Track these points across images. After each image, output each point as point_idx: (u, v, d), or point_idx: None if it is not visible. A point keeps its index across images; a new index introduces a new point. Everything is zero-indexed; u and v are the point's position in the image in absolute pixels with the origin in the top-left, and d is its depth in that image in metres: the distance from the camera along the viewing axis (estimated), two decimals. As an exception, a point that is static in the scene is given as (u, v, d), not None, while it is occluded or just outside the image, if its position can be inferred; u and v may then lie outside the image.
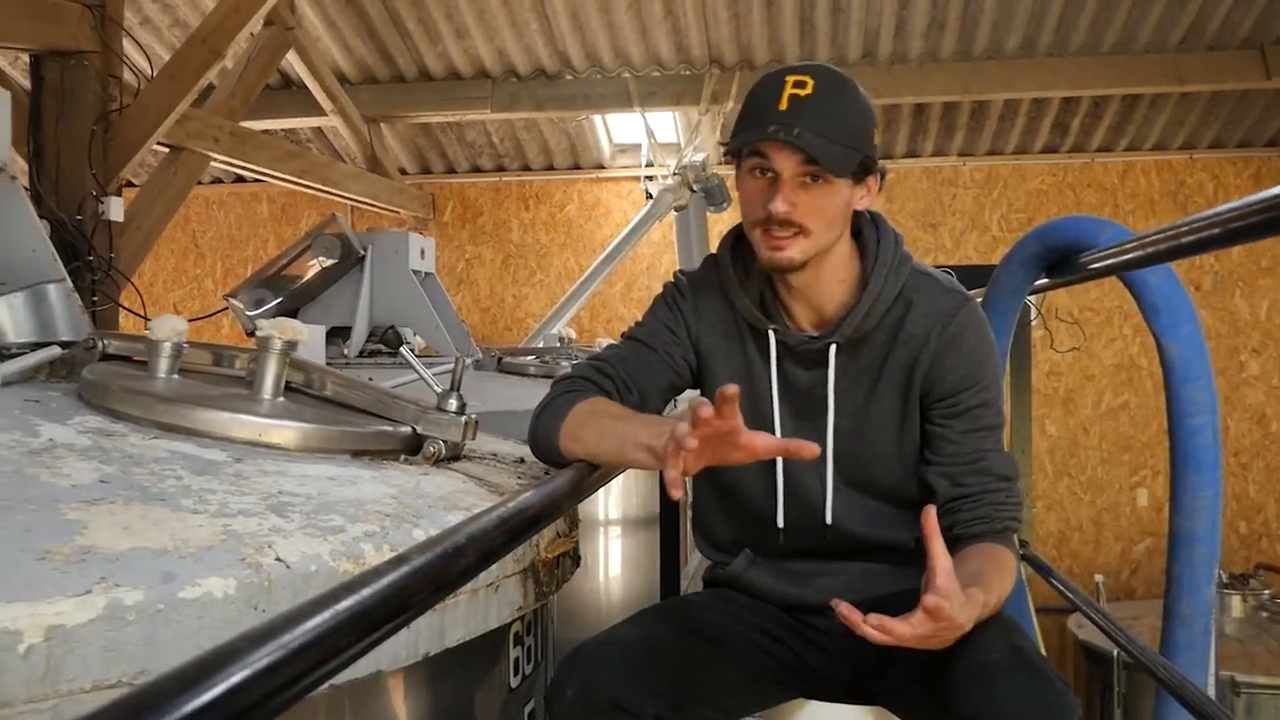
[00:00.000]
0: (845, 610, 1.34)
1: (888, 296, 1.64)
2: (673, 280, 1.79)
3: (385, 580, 0.78)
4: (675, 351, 1.72)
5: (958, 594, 1.34)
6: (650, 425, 1.48)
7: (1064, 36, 6.34)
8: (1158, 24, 6.18)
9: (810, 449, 1.33)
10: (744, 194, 1.61)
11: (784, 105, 1.52)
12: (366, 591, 0.75)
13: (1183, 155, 7.16)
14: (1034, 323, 3.08)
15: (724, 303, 1.73)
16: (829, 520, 1.68)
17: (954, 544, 1.56)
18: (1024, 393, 3.03)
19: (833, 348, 1.65)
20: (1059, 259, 2.33)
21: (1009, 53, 6.48)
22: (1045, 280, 2.44)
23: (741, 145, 1.57)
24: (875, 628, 1.33)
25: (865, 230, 1.68)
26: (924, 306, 1.64)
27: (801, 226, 1.55)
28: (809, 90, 1.53)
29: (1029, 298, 2.64)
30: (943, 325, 1.63)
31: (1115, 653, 5.19)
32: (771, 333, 1.68)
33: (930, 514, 1.37)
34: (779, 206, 1.54)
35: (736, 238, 1.74)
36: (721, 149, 6.96)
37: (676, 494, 1.35)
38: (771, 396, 1.69)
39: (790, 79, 1.54)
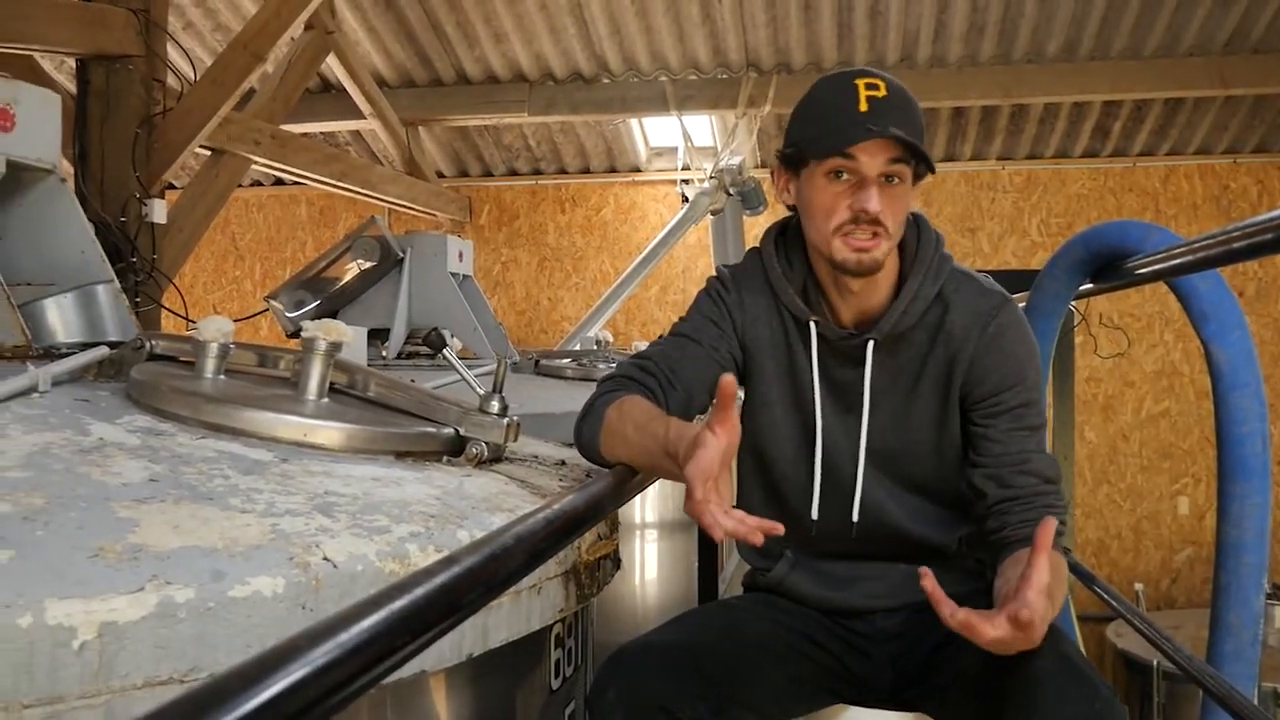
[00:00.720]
0: (930, 585, 1.32)
1: (926, 295, 1.63)
2: (715, 275, 1.78)
3: (437, 580, 0.79)
4: (721, 345, 1.71)
5: (1044, 611, 1.30)
6: (658, 441, 1.47)
7: (1106, 40, 6.28)
8: (1201, 27, 6.11)
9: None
10: (818, 199, 1.58)
11: (864, 106, 1.53)
12: (419, 591, 0.75)
13: (1226, 159, 7.07)
14: (1075, 327, 3.05)
15: (768, 296, 1.72)
16: (855, 516, 1.67)
17: (1004, 547, 1.55)
18: (1067, 400, 2.99)
19: (870, 344, 1.65)
20: (1104, 264, 2.30)
21: (1049, 56, 6.42)
22: (1090, 286, 2.42)
23: (834, 148, 1.54)
24: (961, 624, 1.30)
25: (907, 231, 1.67)
26: (963, 307, 1.64)
27: (884, 227, 1.56)
28: (883, 92, 1.54)
29: (1071, 303, 2.61)
30: (982, 326, 1.62)
31: (1155, 662, 5.12)
32: (813, 324, 1.68)
33: (1049, 525, 1.31)
34: (874, 205, 1.53)
35: (781, 231, 1.74)
36: (758, 154, 6.95)
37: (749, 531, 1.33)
38: (814, 389, 1.69)
39: (860, 82, 1.54)
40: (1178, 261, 1.84)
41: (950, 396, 1.65)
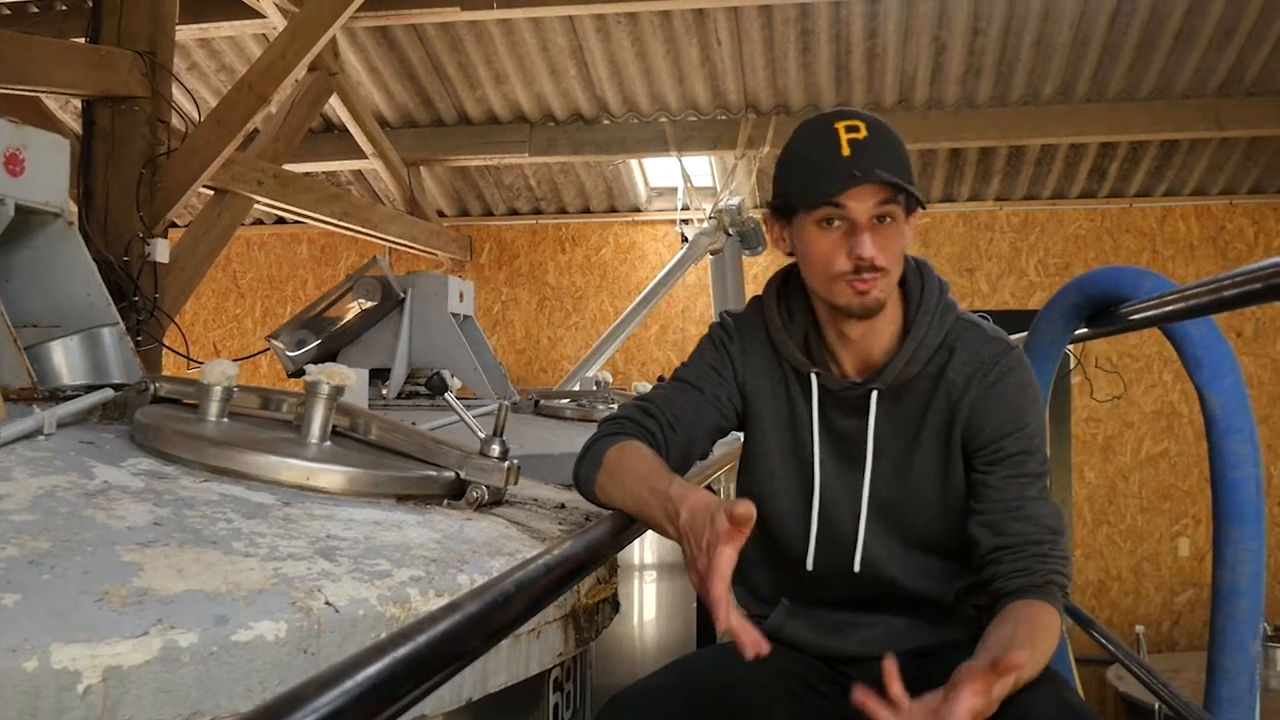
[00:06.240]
0: (889, 665, 1.35)
1: (930, 344, 1.63)
2: (719, 322, 1.79)
3: (440, 627, 0.80)
4: (721, 393, 1.72)
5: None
6: (658, 496, 1.50)
7: (1101, 82, 6.35)
8: (1196, 70, 6.18)
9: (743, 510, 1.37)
10: (814, 249, 1.57)
11: (846, 151, 1.52)
12: (422, 639, 0.77)
13: (1223, 200, 7.13)
14: (1072, 370, 3.07)
15: (769, 345, 1.73)
16: (857, 567, 1.67)
17: (998, 598, 1.54)
18: (1064, 443, 3.01)
19: (874, 394, 1.65)
20: (1099, 309, 2.32)
21: (1045, 98, 6.49)
22: (1085, 330, 2.44)
23: (820, 197, 1.53)
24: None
25: (910, 277, 1.67)
26: (966, 355, 1.63)
27: (882, 268, 1.55)
28: (864, 133, 1.53)
29: (1067, 346, 2.63)
30: (984, 374, 1.62)
31: (1156, 706, 5.09)
32: (814, 376, 1.69)
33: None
34: (868, 251, 1.52)
35: (784, 280, 1.74)
36: (757, 195, 7.00)
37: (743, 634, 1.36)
38: (813, 441, 1.69)
39: (840, 125, 1.54)
40: (1170, 309, 1.86)
41: (952, 445, 1.64)
